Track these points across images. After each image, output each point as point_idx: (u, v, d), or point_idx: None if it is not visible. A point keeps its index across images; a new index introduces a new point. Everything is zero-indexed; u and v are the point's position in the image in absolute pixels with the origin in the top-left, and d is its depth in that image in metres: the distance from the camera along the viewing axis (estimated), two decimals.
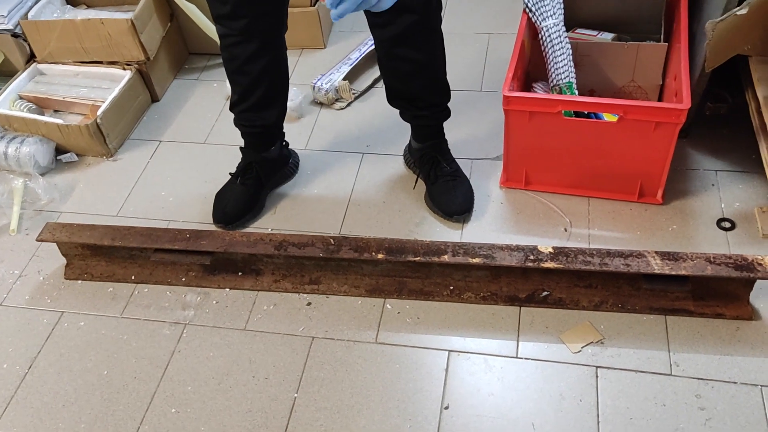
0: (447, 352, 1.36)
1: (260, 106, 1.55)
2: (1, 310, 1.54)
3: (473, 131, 1.83)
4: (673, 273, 1.29)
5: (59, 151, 1.90)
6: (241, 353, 1.40)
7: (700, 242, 1.49)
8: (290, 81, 1.63)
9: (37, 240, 1.54)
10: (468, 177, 1.67)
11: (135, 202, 1.77)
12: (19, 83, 1.97)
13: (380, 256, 1.41)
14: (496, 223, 1.59)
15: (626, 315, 1.37)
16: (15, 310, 1.53)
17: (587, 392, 1.26)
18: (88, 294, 1.55)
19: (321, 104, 1.99)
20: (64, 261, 1.60)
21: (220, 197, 1.68)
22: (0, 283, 1.59)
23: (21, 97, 1.97)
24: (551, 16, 1.60)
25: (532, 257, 1.35)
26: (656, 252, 1.33)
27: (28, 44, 1.99)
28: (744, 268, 1.28)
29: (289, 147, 1.78)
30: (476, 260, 1.37)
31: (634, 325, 1.35)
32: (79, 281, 1.58)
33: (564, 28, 1.60)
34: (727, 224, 1.51)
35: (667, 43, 1.63)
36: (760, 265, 1.28)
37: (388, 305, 1.45)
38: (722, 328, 1.33)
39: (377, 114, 1.93)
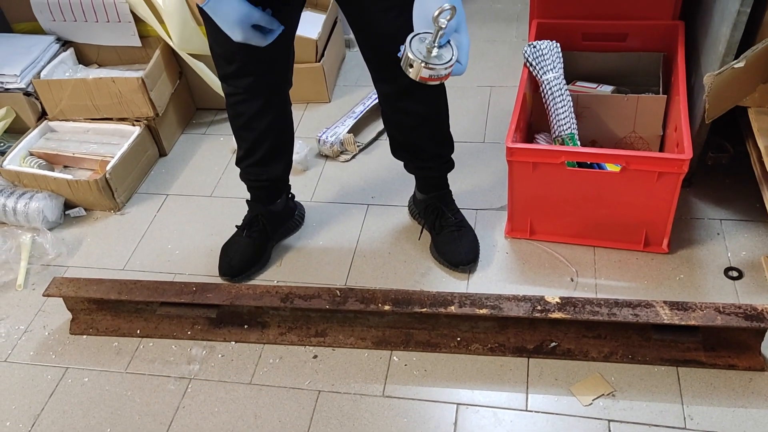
0: (455, 406, 1.33)
1: (266, 160, 1.57)
2: (5, 367, 1.52)
3: (477, 182, 1.84)
4: (683, 323, 1.28)
5: (68, 206, 1.92)
6: (246, 408, 1.38)
7: (709, 291, 1.48)
8: (296, 134, 1.66)
9: (43, 295, 1.54)
10: (473, 227, 1.67)
11: (141, 256, 1.77)
12: (29, 140, 2.01)
13: (386, 307, 1.40)
14: (502, 273, 1.59)
15: (637, 366, 1.35)
16: (19, 367, 1.52)
17: None
18: (93, 349, 1.54)
19: (326, 157, 2.02)
20: (69, 316, 1.60)
21: (226, 250, 1.69)
22: (5, 339, 1.59)
23: (31, 154, 2.00)
24: (551, 69, 1.63)
25: (539, 308, 1.35)
26: (665, 302, 1.32)
27: (40, 102, 2.04)
28: (754, 318, 1.27)
29: (295, 199, 1.79)
30: (483, 311, 1.36)
31: (646, 377, 1.33)
32: (84, 336, 1.57)
33: (564, 81, 1.64)
34: (735, 273, 1.50)
35: (666, 95, 1.66)
36: None
37: (394, 357, 1.44)
38: (735, 379, 1.31)
39: (382, 166, 1.95)
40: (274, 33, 1.24)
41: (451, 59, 1.04)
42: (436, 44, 1.03)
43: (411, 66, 1.04)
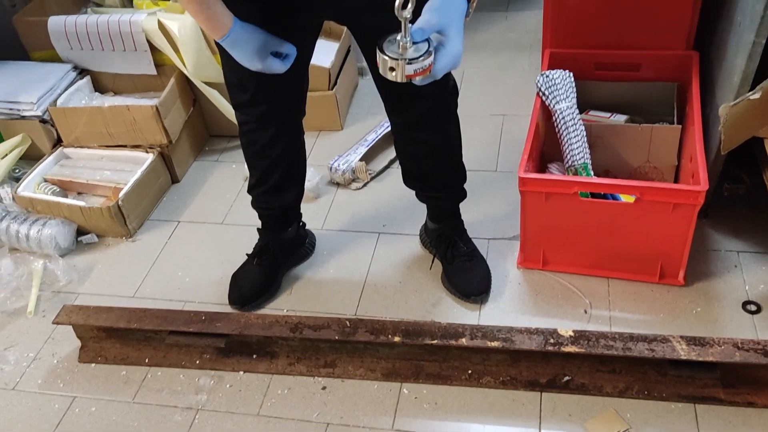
0: None
1: (278, 189, 1.57)
2: (13, 395, 1.52)
3: (489, 211, 1.83)
4: (700, 359, 1.25)
5: (80, 232, 1.93)
6: None
7: (726, 325, 1.44)
8: (308, 162, 1.65)
9: (53, 323, 1.53)
10: (485, 257, 1.65)
11: (152, 283, 1.77)
12: (44, 167, 2.03)
13: (397, 338, 1.38)
14: (514, 304, 1.57)
15: (653, 402, 1.32)
16: (27, 395, 1.51)
17: None
18: (101, 378, 1.53)
19: (338, 185, 2.02)
20: (79, 344, 1.59)
21: (237, 278, 1.68)
22: (14, 367, 1.58)
23: (46, 180, 2.01)
24: (564, 99, 1.63)
25: (552, 341, 1.32)
26: (681, 336, 1.29)
27: (56, 129, 2.06)
28: None
29: (306, 227, 1.79)
30: (495, 344, 1.34)
31: (663, 414, 1.30)
32: (93, 364, 1.56)
33: (577, 111, 1.63)
34: (753, 307, 1.47)
35: (680, 126, 1.65)
36: None
37: (404, 390, 1.41)
38: (754, 417, 1.27)
39: (393, 194, 1.94)
40: (291, 57, 1.27)
41: (428, 48, 0.99)
42: (408, 39, 0.98)
43: (393, 69, 1.01)
